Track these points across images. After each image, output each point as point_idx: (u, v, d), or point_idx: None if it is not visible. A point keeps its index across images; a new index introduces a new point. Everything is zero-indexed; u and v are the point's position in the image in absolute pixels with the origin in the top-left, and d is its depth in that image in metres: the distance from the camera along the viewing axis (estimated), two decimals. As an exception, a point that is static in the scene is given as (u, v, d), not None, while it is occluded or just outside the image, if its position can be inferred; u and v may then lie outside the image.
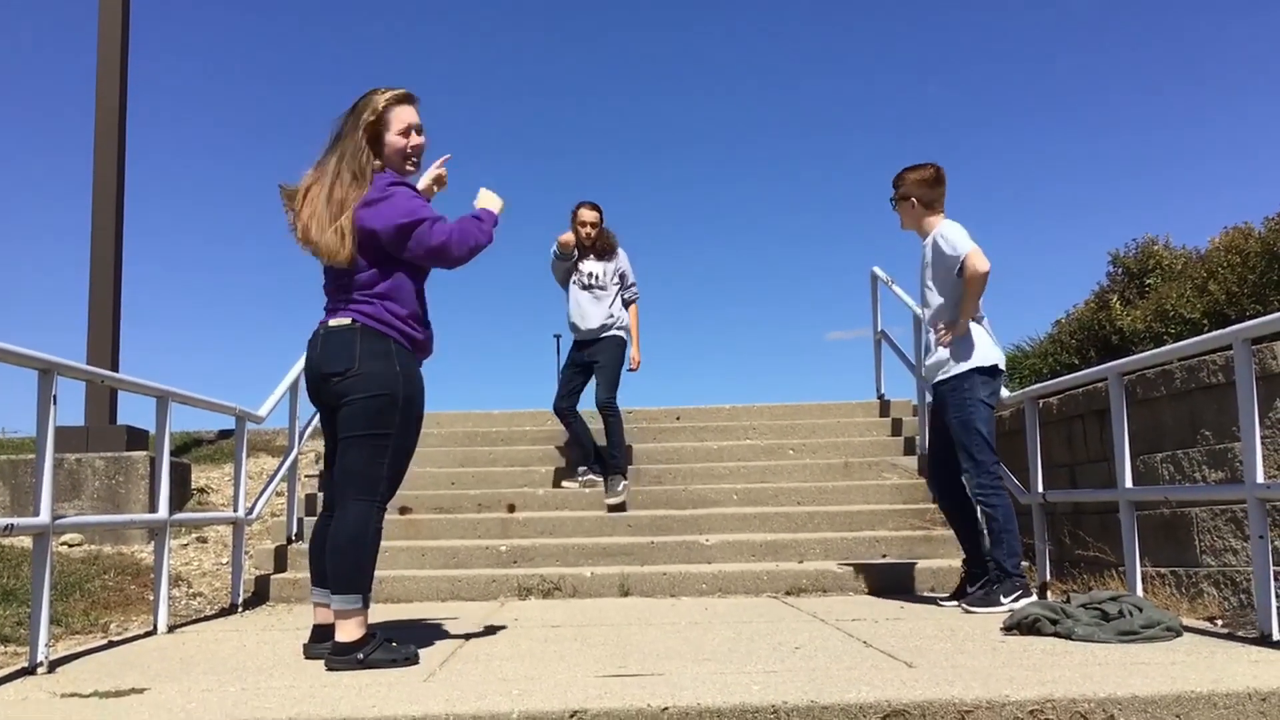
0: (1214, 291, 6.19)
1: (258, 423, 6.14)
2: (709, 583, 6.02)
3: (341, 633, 3.57)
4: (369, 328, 3.69)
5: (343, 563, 3.63)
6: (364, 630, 3.59)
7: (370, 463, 3.68)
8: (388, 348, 3.70)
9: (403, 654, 3.61)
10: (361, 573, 3.64)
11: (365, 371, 3.65)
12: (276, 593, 6.10)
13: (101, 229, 7.99)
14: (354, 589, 3.61)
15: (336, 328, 3.72)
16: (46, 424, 3.74)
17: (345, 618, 3.58)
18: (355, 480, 3.68)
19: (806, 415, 8.82)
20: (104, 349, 7.79)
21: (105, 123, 8.13)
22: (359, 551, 3.64)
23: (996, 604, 4.82)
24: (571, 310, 7.50)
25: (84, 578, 5.86)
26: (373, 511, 3.69)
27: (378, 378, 3.66)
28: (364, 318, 3.70)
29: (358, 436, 3.67)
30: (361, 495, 3.68)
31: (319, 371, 3.74)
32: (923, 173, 5.28)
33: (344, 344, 3.68)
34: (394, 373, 3.70)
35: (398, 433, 3.72)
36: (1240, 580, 4.68)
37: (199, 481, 8.13)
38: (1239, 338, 3.90)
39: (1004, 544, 4.97)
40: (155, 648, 4.30)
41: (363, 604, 3.61)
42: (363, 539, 3.65)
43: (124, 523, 6.10)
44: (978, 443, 5.02)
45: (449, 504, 7.31)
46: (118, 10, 8.21)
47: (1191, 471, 5.02)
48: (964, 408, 5.04)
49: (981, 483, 5.02)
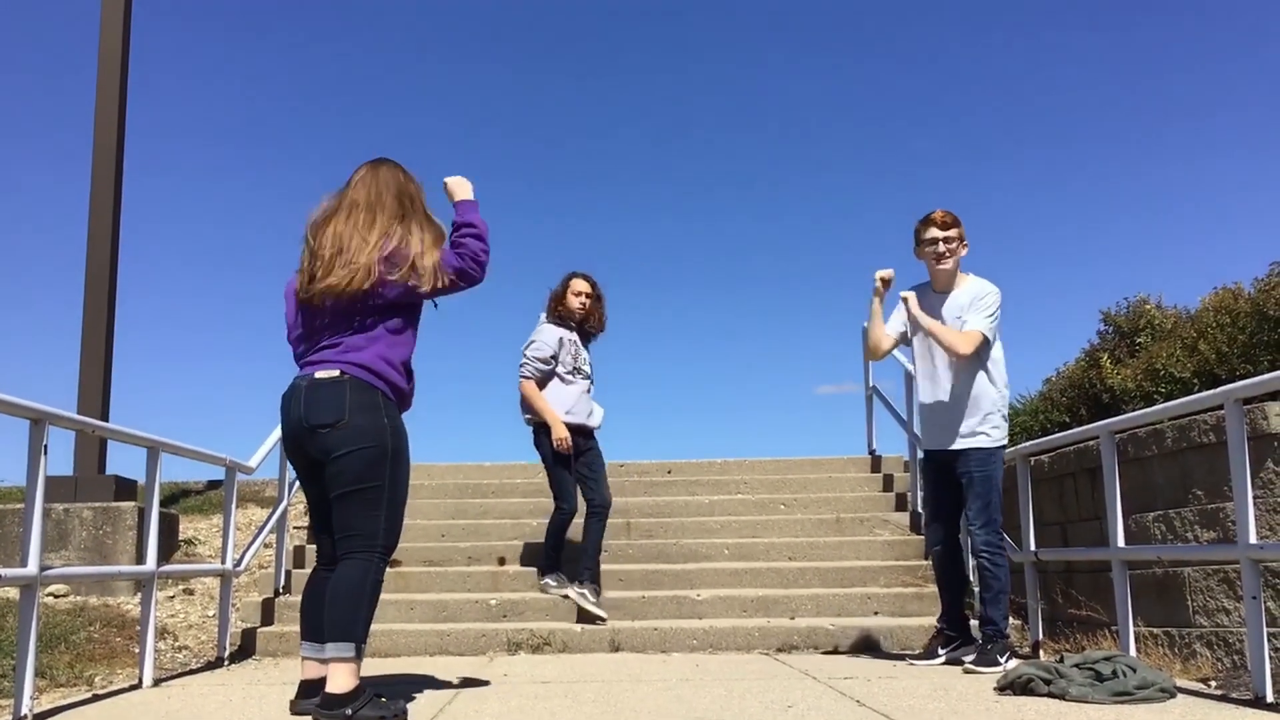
0: (1204, 351, 6.22)
1: (248, 473, 6.12)
2: (700, 639, 5.98)
3: (333, 683, 3.53)
4: (358, 379, 3.68)
5: (340, 610, 3.60)
6: (356, 681, 3.55)
7: (367, 516, 3.66)
8: (375, 400, 3.70)
9: (392, 710, 3.57)
10: (358, 621, 3.61)
11: (355, 424, 3.64)
12: (263, 646, 6.04)
13: (95, 279, 7.99)
14: (349, 637, 3.57)
15: (324, 380, 3.70)
16: (37, 474, 3.72)
17: (338, 665, 3.54)
18: (355, 535, 3.66)
19: (798, 470, 8.81)
20: (94, 398, 7.77)
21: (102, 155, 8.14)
22: (357, 600, 3.61)
23: (996, 664, 4.78)
24: (576, 406, 6.39)
25: (69, 629, 5.80)
26: (374, 563, 3.68)
27: (368, 431, 3.65)
28: (353, 368, 3.69)
29: (351, 492, 3.65)
30: (362, 549, 3.66)
31: (305, 424, 3.70)
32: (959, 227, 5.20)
33: (333, 396, 3.66)
34: (382, 425, 3.69)
35: (389, 484, 3.70)
36: (1234, 641, 4.66)
37: (186, 533, 8.07)
38: (1230, 397, 3.92)
39: (1000, 604, 4.96)
40: (140, 702, 4.25)
41: (356, 653, 3.57)
42: (362, 589, 3.63)
43: (112, 574, 6.05)
44: (995, 502, 5.01)
45: (439, 556, 7.26)
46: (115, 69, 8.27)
47: (1184, 531, 5.01)
48: (988, 464, 5.02)
49: (990, 541, 4.99)
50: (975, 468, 5.02)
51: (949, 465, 5.14)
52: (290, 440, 3.82)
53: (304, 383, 3.75)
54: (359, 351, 3.72)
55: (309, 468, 3.81)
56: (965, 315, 5.09)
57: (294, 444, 3.81)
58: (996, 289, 5.12)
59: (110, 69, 8.27)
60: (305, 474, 3.87)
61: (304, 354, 3.83)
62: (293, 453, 3.86)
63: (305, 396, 3.71)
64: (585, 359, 6.54)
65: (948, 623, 5.27)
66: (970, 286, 5.17)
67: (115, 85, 8.25)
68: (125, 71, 8.36)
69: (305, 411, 3.70)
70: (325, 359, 3.74)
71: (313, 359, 3.78)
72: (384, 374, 3.73)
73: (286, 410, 3.79)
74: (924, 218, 5.22)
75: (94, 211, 8.08)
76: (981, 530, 5.00)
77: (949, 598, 5.31)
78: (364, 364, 3.70)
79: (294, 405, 3.75)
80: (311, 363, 3.77)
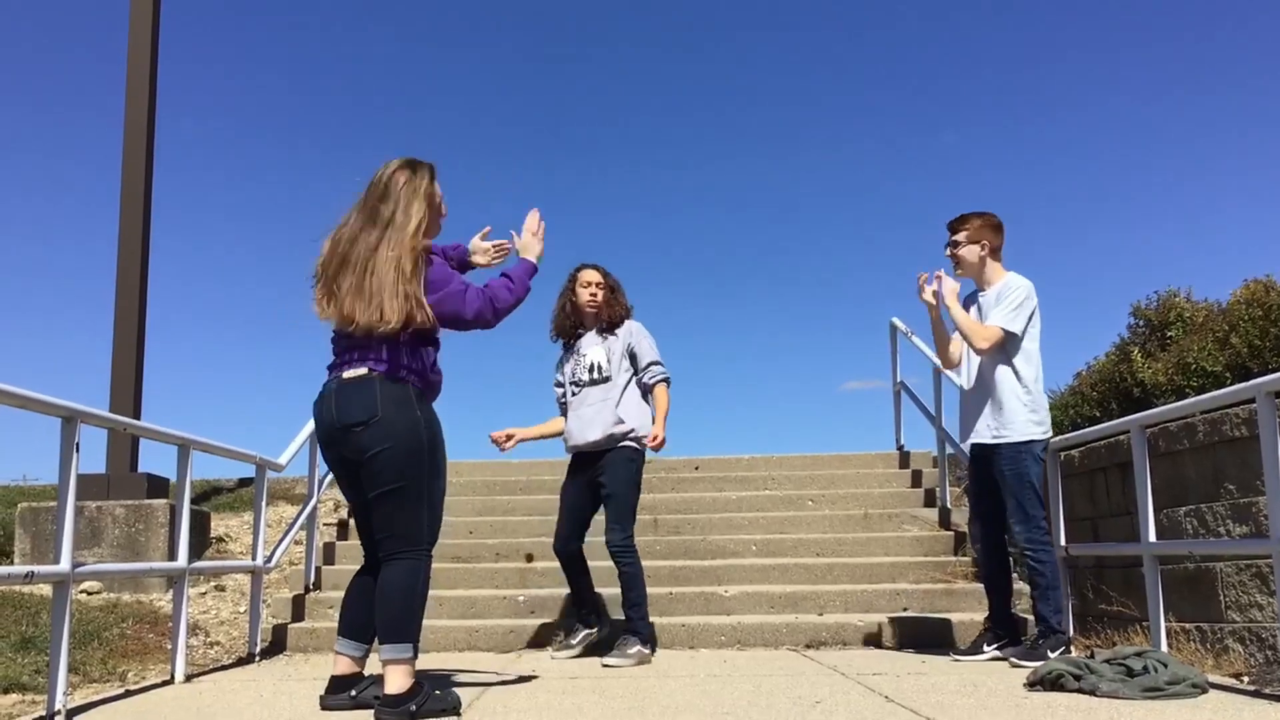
0: (1235, 344, 6.16)
1: (278, 471, 6.16)
2: (728, 635, 5.98)
3: (391, 683, 3.54)
4: (386, 375, 3.69)
5: (394, 612, 3.62)
6: (412, 680, 3.57)
7: (409, 514, 3.67)
8: (407, 394, 3.70)
9: (451, 702, 3.61)
10: (413, 621, 3.64)
11: (388, 419, 3.63)
12: (294, 642, 6.08)
13: (126, 276, 8.05)
14: (405, 638, 3.59)
15: (352, 379, 3.70)
16: (69, 472, 3.76)
17: (395, 666, 3.56)
18: (398, 534, 3.66)
19: (826, 466, 8.79)
20: (126, 396, 7.83)
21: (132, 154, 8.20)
22: (410, 600, 3.64)
23: (1045, 659, 4.72)
24: (570, 423, 5.60)
25: (102, 626, 5.85)
26: (422, 561, 3.69)
27: (401, 425, 3.65)
28: (381, 364, 3.70)
29: (390, 490, 3.64)
30: (408, 548, 3.66)
31: (338, 424, 3.69)
32: (990, 219, 5.22)
33: (364, 393, 3.66)
34: (415, 418, 3.69)
35: (427, 479, 3.71)
36: (1266, 636, 4.62)
37: (218, 530, 8.13)
38: (1262, 390, 3.88)
39: (1050, 600, 4.90)
40: (172, 697, 4.29)
41: (413, 653, 3.60)
42: (413, 589, 3.65)
43: (144, 571, 6.10)
44: (1031, 498, 4.96)
45: (467, 553, 7.29)
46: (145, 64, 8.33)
47: (1215, 525, 4.97)
48: (1020, 462, 4.97)
49: (1032, 537, 4.94)
50: (1006, 465, 4.99)
51: (987, 462, 5.11)
52: (326, 444, 3.81)
53: (333, 384, 3.75)
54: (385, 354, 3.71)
55: (347, 471, 3.79)
56: (990, 310, 5.09)
57: (330, 447, 3.80)
58: (1026, 284, 5.09)
59: (140, 63, 8.32)
60: (345, 479, 3.85)
61: (338, 357, 3.82)
62: (330, 458, 3.84)
63: (336, 397, 3.71)
64: (592, 362, 5.57)
65: (995, 621, 5.23)
66: (1001, 283, 5.16)
67: (144, 80, 8.29)
68: (154, 66, 8.40)
69: (337, 412, 3.69)
70: (352, 360, 3.74)
71: (342, 361, 3.78)
72: (411, 365, 3.74)
73: (319, 415, 3.78)
74: None
75: (124, 209, 8.14)
76: (1021, 528, 4.95)
77: (993, 596, 5.27)
78: (391, 359, 3.71)
79: (325, 408, 3.75)
80: (341, 364, 3.78)
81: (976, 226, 5.19)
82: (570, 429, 5.56)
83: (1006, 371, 5.04)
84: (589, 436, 5.45)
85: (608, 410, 5.45)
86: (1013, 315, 5.01)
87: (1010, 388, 5.02)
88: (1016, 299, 5.04)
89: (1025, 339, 5.05)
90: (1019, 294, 5.05)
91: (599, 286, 5.62)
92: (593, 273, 5.66)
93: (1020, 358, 5.04)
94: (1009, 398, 5.01)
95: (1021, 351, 5.04)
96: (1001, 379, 5.03)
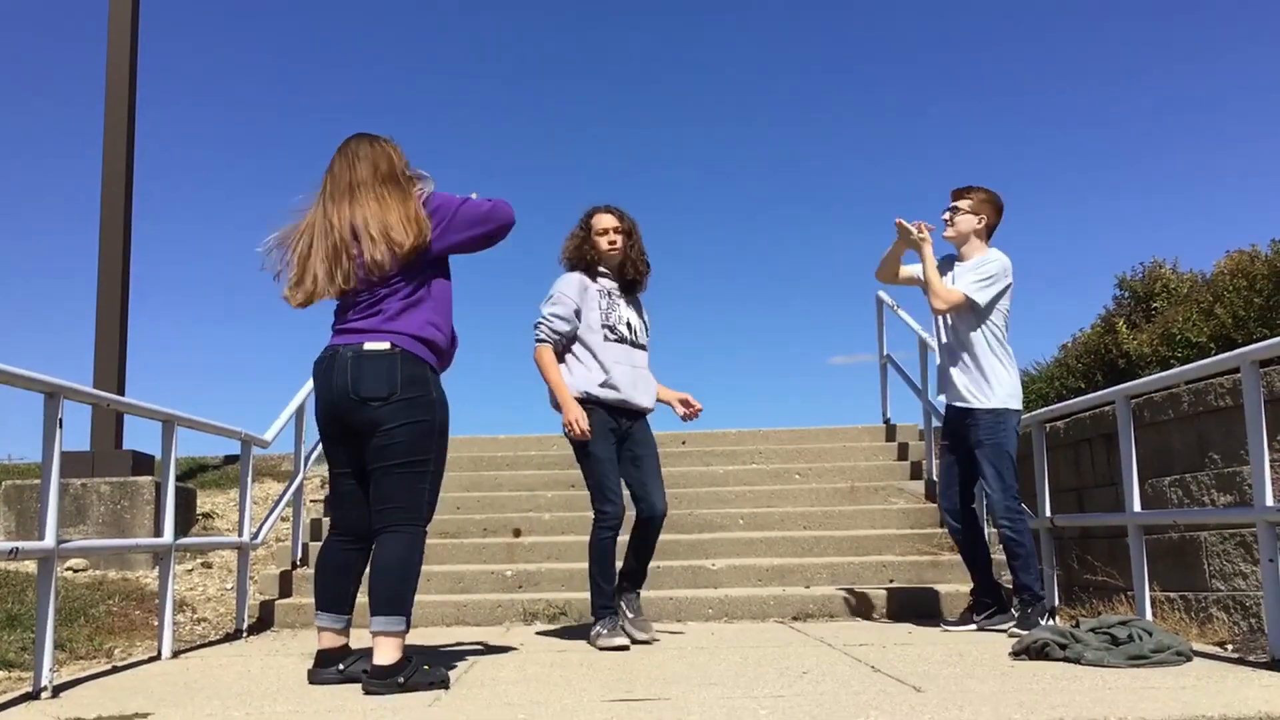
0: (1220, 315, 6.17)
1: (263, 447, 6.14)
2: (716, 607, 6.00)
3: (381, 655, 3.55)
4: (409, 353, 3.66)
5: (389, 583, 3.62)
6: (401, 653, 3.58)
7: (412, 490, 3.67)
8: (425, 373, 3.70)
9: (439, 676, 3.61)
10: (407, 595, 3.65)
11: (407, 398, 3.63)
12: (281, 618, 6.08)
13: (109, 249, 7.99)
14: (398, 610, 3.59)
15: (375, 352, 3.65)
16: (52, 448, 3.74)
17: (386, 638, 3.56)
18: (399, 508, 3.66)
19: (813, 440, 8.81)
20: (110, 372, 7.79)
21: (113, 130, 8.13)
22: (405, 573, 3.65)
23: (1038, 625, 4.75)
24: (615, 375, 4.90)
25: (88, 603, 5.84)
26: (418, 536, 3.70)
27: (418, 404, 3.65)
28: (405, 339, 3.67)
29: (398, 464, 3.64)
30: (406, 522, 3.67)
31: (352, 394, 3.64)
32: (994, 196, 5.27)
33: (385, 369, 3.63)
34: (431, 399, 3.70)
35: (435, 458, 3.72)
36: (1250, 605, 4.65)
37: (204, 507, 8.12)
38: (1247, 360, 3.88)
39: (1031, 569, 4.99)
40: (159, 673, 4.28)
41: (405, 626, 3.61)
42: (409, 562, 3.66)
43: (129, 547, 6.09)
44: (1009, 468, 5.02)
45: (454, 528, 7.29)
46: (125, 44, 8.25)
47: (1200, 495, 4.99)
48: (998, 432, 5.03)
49: (1009, 506, 5.00)
50: (985, 435, 5.03)
51: (962, 432, 5.14)
52: (328, 409, 3.75)
53: (350, 353, 3.69)
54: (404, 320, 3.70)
55: (343, 437, 3.76)
56: (962, 277, 5.17)
57: (332, 413, 3.74)
58: (1005, 261, 5.16)
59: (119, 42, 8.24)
60: (337, 443, 3.80)
61: (348, 321, 3.77)
62: (329, 422, 3.78)
63: (353, 367, 3.66)
64: (627, 317, 5.05)
65: (982, 591, 5.28)
66: (981, 255, 5.21)
67: (124, 59, 8.21)
68: (134, 45, 8.31)
69: (353, 383, 3.64)
70: (369, 328, 3.69)
71: (356, 327, 3.72)
72: (432, 338, 3.73)
73: (327, 379, 3.71)
74: None
75: (106, 185, 8.07)
76: (1000, 497, 5.00)
77: (974, 568, 5.31)
78: (412, 331, 3.68)
79: (337, 376, 3.68)
80: (354, 330, 3.72)
81: (981, 200, 5.24)
82: (620, 380, 4.89)
83: (983, 339, 5.11)
84: (643, 401, 5.00)
85: (652, 379, 5.11)
86: (981, 285, 5.07)
87: (986, 357, 5.10)
88: (989, 271, 5.10)
89: (996, 312, 5.12)
90: (993, 267, 5.11)
91: (617, 232, 5.03)
92: (608, 217, 5.06)
93: (995, 329, 5.12)
94: (986, 365, 5.09)
95: (996, 324, 5.12)
96: (979, 346, 5.11)
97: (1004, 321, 5.15)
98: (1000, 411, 5.05)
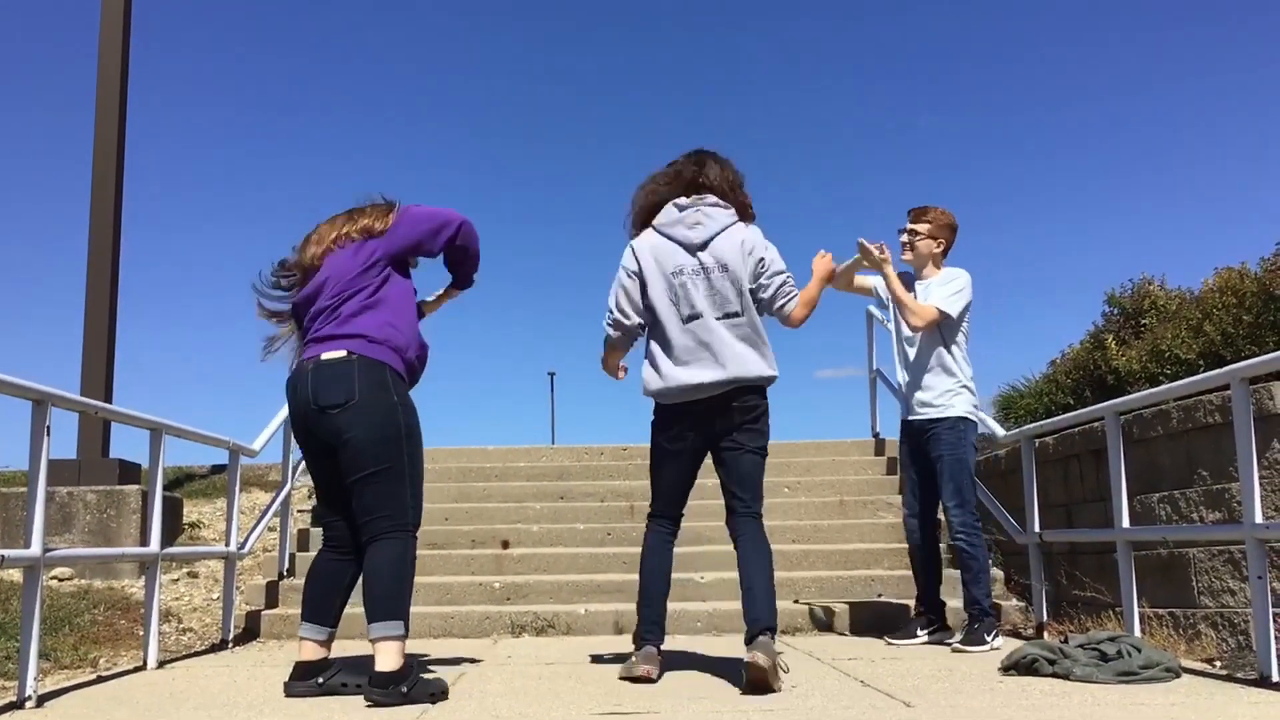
0: (1209, 332, 6.19)
1: (251, 456, 6.11)
2: (704, 620, 5.98)
3: (382, 661, 3.52)
4: (366, 358, 3.67)
5: (385, 588, 3.60)
6: (403, 659, 3.55)
7: (393, 497, 3.66)
8: (384, 378, 3.69)
9: (440, 687, 3.61)
10: (404, 598, 3.63)
11: (365, 404, 3.62)
12: (267, 629, 6.04)
13: (98, 258, 7.96)
14: (396, 615, 3.58)
15: (331, 360, 3.68)
16: (40, 456, 3.71)
17: (387, 643, 3.54)
18: (383, 517, 3.65)
19: (802, 453, 8.79)
20: (98, 381, 7.75)
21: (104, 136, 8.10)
22: (401, 576, 3.64)
23: (984, 642, 4.85)
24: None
25: (74, 612, 5.80)
26: (408, 540, 3.69)
27: (378, 409, 3.64)
28: (362, 344, 3.68)
29: (370, 474, 3.63)
30: (393, 528, 3.66)
31: (313, 404, 3.67)
32: (951, 218, 5.31)
33: (341, 376, 3.64)
34: (392, 403, 3.68)
35: (407, 463, 3.70)
36: (1239, 622, 4.65)
37: (191, 516, 8.07)
38: (1237, 377, 3.89)
39: (981, 583, 5.01)
40: (145, 683, 4.25)
41: (404, 630, 3.59)
42: (403, 568, 3.65)
43: (115, 556, 6.05)
44: (967, 482, 5.06)
45: (442, 540, 7.26)
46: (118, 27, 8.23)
47: (1189, 512, 5.00)
48: (959, 446, 5.05)
49: (967, 521, 5.03)
50: (946, 449, 5.06)
51: (922, 445, 5.18)
52: (299, 422, 3.79)
53: (310, 364, 3.72)
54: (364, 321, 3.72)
55: (320, 451, 3.78)
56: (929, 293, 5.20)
57: (303, 427, 3.78)
58: (965, 273, 5.21)
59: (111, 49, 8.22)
60: (315, 457, 3.84)
61: (310, 332, 3.82)
62: (302, 436, 3.83)
63: (312, 378, 3.69)
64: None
65: (927, 605, 5.32)
66: (943, 271, 5.27)
67: (116, 65, 8.19)
68: (126, 52, 8.30)
69: (313, 393, 3.67)
70: (327, 337, 3.72)
71: (316, 338, 3.77)
72: (391, 340, 3.73)
73: (293, 392, 3.77)
74: None
75: (96, 193, 8.04)
76: (957, 511, 5.03)
77: (924, 580, 5.33)
78: (371, 334, 3.70)
79: (300, 388, 3.72)
80: (315, 341, 3.76)
81: (940, 224, 5.29)
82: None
83: (945, 354, 5.15)
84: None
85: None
86: (952, 299, 5.12)
87: (949, 370, 5.14)
88: (957, 285, 5.16)
89: (960, 328, 5.17)
90: (960, 281, 5.17)
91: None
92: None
93: (957, 344, 5.17)
94: (948, 379, 5.12)
95: (959, 338, 5.17)
96: (942, 360, 5.15)
97: (964, 336, 5.21)
98: (960, 424, 5.08)
